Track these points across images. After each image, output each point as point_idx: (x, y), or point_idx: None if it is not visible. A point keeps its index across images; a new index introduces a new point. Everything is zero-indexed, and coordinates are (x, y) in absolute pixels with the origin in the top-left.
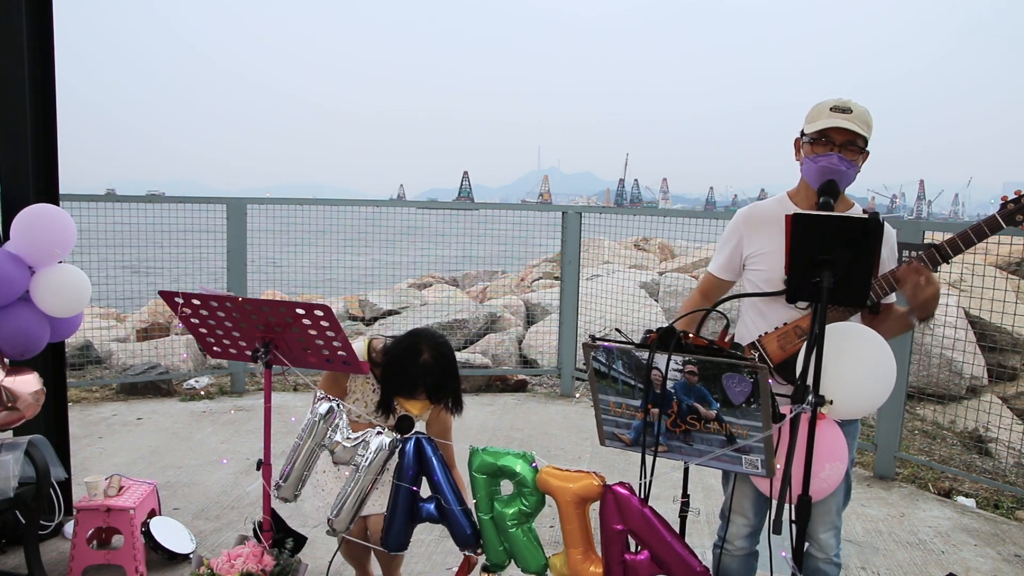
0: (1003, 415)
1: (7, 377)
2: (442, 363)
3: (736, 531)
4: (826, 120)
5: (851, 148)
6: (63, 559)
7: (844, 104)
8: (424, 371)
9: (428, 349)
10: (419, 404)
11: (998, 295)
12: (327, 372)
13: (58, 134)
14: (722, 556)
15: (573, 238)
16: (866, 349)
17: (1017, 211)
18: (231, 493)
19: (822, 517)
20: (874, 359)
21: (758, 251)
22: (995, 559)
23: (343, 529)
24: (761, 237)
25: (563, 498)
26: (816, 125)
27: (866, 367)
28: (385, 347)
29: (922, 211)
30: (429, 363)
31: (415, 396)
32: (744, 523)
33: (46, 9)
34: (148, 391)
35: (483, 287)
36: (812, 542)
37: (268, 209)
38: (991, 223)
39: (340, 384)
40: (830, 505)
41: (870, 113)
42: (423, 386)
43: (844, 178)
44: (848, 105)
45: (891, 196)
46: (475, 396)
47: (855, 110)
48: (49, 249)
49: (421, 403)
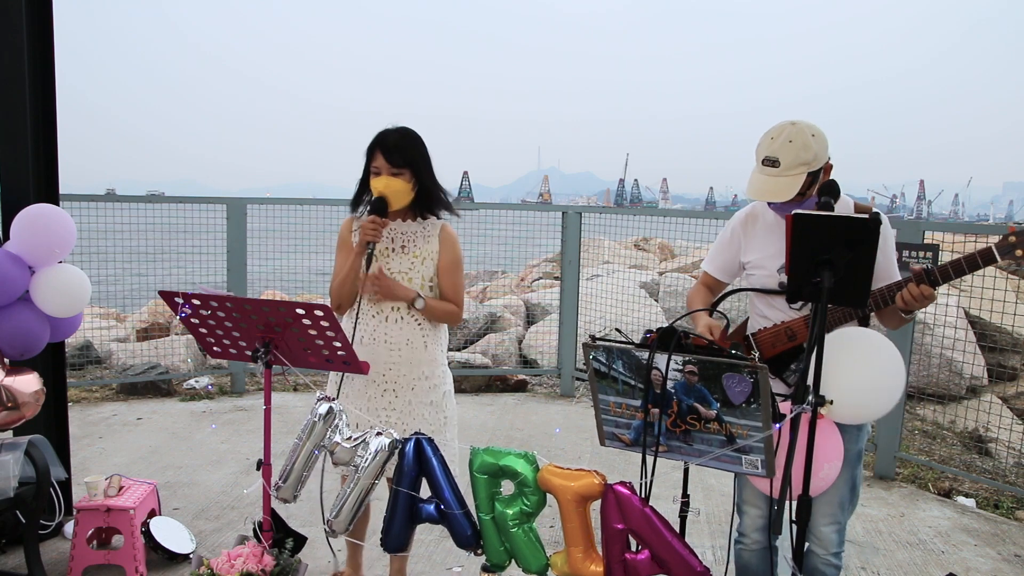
0: (1003, 415)
1: (7, 377)
2: (399, 128)
3: (751, 523)
4: (752, 182)
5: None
6: (63, 559)
7: (773, 155)
8: (380, 134)
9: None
10: (383, 179)
11: (998, 295)
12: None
13: (58, 134)
14: (740, 551)
15: (573, 238)
16: (877, 355)
17: (1018, 245)
18: (231, 493)
19: (823, 509)
20: (884, 366)
21: (755, 259)
22: (995, 559)
23: (343, 530)
24: (760, 244)
25: (564, 496)
26: (749, 185)
27: (876, 374)
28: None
29: (922, 211)
30: (383, 131)
31: (373, 161)
32: (758, 514)
33: (46, 8)
34: (148, 391)
35: (483, 287)
36: (813, 536)
37: (268, 209)
38: (986, 255)
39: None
40: (831, 497)
41: (809, 139)
42: (379, 147)
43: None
44: (775, 155)
45: (891, 196)
46: (475, 396)
47: (783, 159)
48: (49, 249)
49: (385, 177)
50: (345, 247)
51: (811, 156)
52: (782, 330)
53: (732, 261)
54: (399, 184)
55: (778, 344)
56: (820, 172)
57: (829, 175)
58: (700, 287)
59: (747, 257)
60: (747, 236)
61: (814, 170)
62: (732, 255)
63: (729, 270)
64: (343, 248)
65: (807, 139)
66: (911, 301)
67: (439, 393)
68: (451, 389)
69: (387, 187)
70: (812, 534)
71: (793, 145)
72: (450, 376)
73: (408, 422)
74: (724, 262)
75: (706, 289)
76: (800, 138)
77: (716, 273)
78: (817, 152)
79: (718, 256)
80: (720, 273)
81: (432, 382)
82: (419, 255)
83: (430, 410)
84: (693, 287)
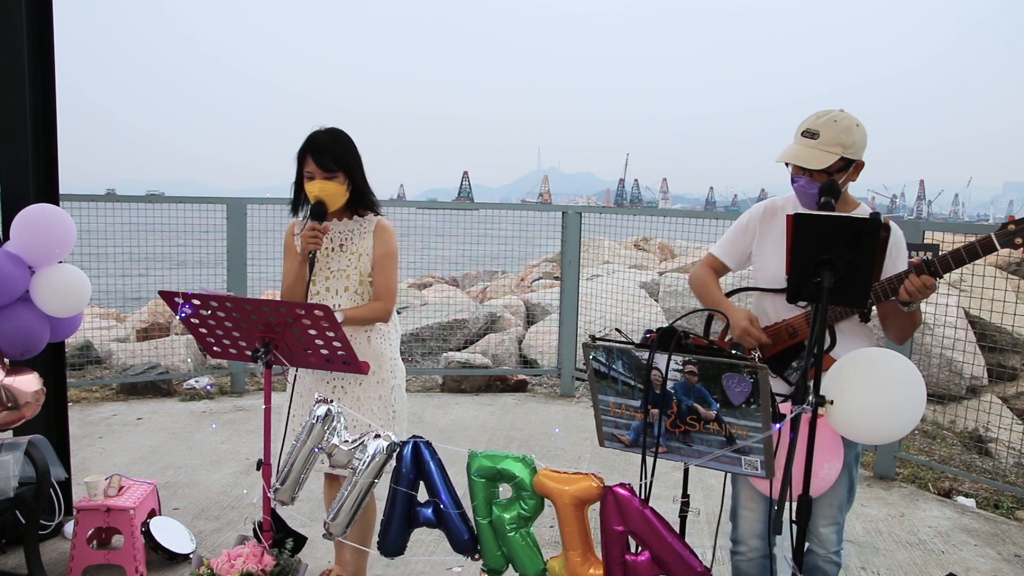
0: (1003, 415)
1: (7, 377)
2: (328, 129)
3: (748, 528)
4: (788, 150)
5: (822, 172)
6: (63, 559)
7: (814, 127)
8: (310, 138)
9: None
10: (317, 183)
11: (998, 295)
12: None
13: (58, 134)
14: (738, 562)
15: (573, 238)
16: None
17: (1018, 233)
18: (231, 493)
19: (823, 511)
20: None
21: (769, 251)
22: (995, 559)
23: (340, 533)
24: (773, 240)
25: (561, 501)
26: (782, 152)
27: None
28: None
29: (922, 211)
30: (313, 132)
31: (305, 166)
32: (755, 519)
33: (46, 7)
34: (148, 391)
35: (483, 287)
36: (812, 537)
37: (268, 209)
38: (985, 243)
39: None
40: (831, 499)
41: (853, 126)
42: (309, 151)
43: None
44: (817, 128)
45: (891, 196)
46: (475, 396)
47: (824, 133)
48: (49, 249)
49: (319, 181)
50: (291, 252)
51: (851, 141)
52: (783, 327)
53: (744, 250)
54: (333, 187)
55: (779, 341)
56: (853, 166)
57: (858, 175)
58: (708, 269)
59: (759, 249)
60: (763, 228)
61: (848, 157)
62: (745, 244)
63: (738, 259)
64: (289, 253)
65: (851, 124)
66: (914, 292)
67: (387, 387)
68: (402, 384)
69: (322, 191)
70: (812, 535)
71: (837, 124)
72: (401, 370)
73: (359, 421)
74: (736, 250)
75: (713, 272)
76: (845, 121)
77: (725, 258)
78: (856, 140)
79: (731, 243)
80: (729, 259)
81: (379, 376)
82: (356, 252)
83: (379, 404)
84: (699, 270)
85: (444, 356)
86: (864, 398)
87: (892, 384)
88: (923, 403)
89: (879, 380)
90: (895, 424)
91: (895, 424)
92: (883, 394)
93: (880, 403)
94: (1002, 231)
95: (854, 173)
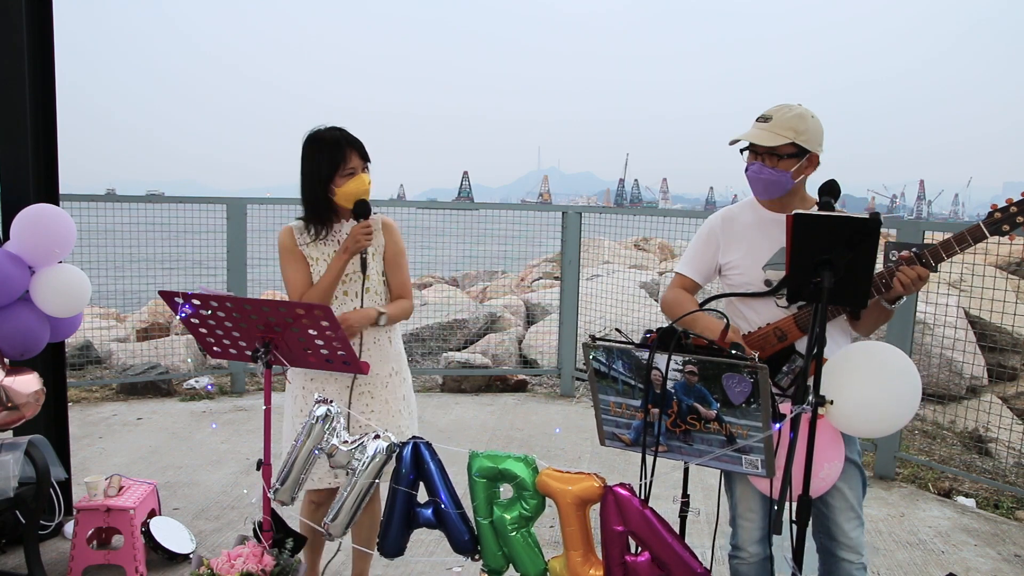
0: (1003, 415)
1: (7, 377)
2: (336, 126)
3: (747, 535)
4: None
5: (772, 156)
6: (63, 559)
7: (767, 113)
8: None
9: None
10: (361, 179)
11: (998, 295)
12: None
13: (58, 134)
14: (737, 566)
15: (573, 238)
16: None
17: (1004, 220)
18: (231, 493)
19: (841, 504)
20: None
21: (736, 259)
22: (995, 559)
23: (339, 534)
24: (740, 245)
25: (563, 500)
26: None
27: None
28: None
29: (922, 211)
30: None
31: (348, 162)
32: (754, 527)
33: (46, 7)
34: (148, 391)
35: (483, 287)
36: (840, 544)
37: (268, 209)
38: (975, 232)
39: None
40: (851, 498)
41: (808, 116)
42: (351, 146)
43: (772, 186)
44: (770, 113)
45: (891, 196)
46: (475, 396)
47: (776, 117)
48: (49, 249)
49: (361, 175)
50: (293, 258)
51: (803, 127)
52: (771, 331)
53: (710, 263)
54: (368, 181)
55: (767, 347)
56: (806, 157)
57: (814, 168)
58: (678, 290)
59: (726, 258)
60: (725, 237)
61: (801, 146)
62: (710, 257)
63: (706, 272)
64: (291, 259)
65: (805, 114)
66: (908, 284)
67: (407, 385)
68: (410, 376)
69: (368, 188)
70: (839, 542)
71: (790, 111)
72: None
73: (389, 423)
74: (702, 264)
75: (685, 292)
76: (799, 110)
77: (694, 275)
78: (810, 130)
79: (695, 258)
80: (698, 275)
81: (402, 376)
82: (369, 251)
83: (404, 405)
84: (670, 292)
85: (444, 356)
86: (863, 391)
87: (889, 374)
88: (919, 390)
89: (875, 371)
90: (896, 413)
91: (896, 413)
92: (881, 384)
93: (879, 394)
94: (989, 219)
95: (809, 167)
